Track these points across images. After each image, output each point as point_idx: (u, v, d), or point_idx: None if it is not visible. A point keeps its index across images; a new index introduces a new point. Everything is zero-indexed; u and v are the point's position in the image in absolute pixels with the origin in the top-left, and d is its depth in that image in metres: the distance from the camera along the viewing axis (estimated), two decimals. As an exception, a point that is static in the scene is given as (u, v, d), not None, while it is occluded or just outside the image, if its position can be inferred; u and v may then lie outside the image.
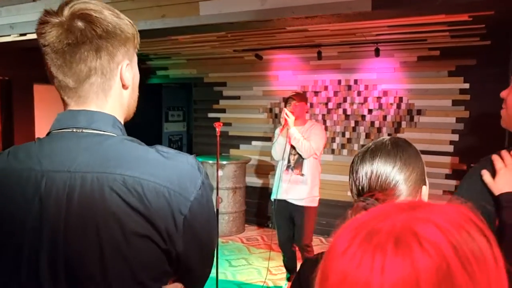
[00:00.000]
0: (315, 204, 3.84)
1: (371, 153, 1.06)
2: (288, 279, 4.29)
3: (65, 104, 0.96)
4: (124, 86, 0.97)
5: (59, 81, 0.92)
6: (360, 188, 1.05)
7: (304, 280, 1.06)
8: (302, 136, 3.73)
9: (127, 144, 0.92)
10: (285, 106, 3.85)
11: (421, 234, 0.46)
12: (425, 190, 1.08)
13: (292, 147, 3.77)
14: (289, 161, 3.83)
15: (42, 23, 0.87)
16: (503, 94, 1.55)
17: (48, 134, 0.95)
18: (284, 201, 3.84)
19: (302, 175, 3.78)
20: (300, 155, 3.76)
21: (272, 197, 3.96)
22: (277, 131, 3.94)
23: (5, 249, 0.87)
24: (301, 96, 3.94)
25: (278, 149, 3.86)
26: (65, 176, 0.86)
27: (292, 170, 3.81)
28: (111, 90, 0.94)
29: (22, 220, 0.85)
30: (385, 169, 1.03)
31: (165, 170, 0.89)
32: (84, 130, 0.91)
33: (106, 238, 0.84)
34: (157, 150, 0.92)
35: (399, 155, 1.05)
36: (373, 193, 1.03)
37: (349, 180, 1.10)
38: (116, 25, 0.90)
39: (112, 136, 0.92)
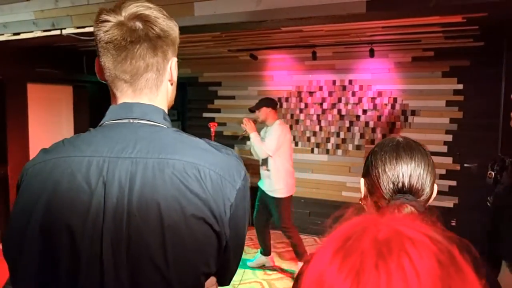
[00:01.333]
0: (284, 195, 4.43)
1: (406, 151, 1.11)
2: (261, 252, 4.81)
3: (115, 98, 1.02)
4: (170, 81, 1.06)
5: (116, 76, 0.99)
6: (398, 185, 1.08)
7: None
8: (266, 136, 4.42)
9: (180, 134, 1.00)
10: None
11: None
12: (435, 189, 1.13)
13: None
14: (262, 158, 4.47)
15: (103, 21, 0.95)
16: None
17: (101, 125, 1.01)
18: (262, 190, 4.57)
19: (268, 170, 4.47)
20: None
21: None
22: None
23: (69, 230, 0.89)
24: (261, 102, 4.52)
25: (253, 151, 4.55)
26: (127, 161, 0.92)
27: (262, 166, 4.54)
28: (162, 85, 1.04)
29: (87, 202, 0.90)
30: (421, 169, 1.08)
31: (217, 159, 0.96)
32: (140, 121, 0.98)
33: (167, 219, 0.89)
34: (206, 141, 1.01)
35: (427, 157, 1.12)
36: (411, 190, 1.07)
37: (375, 173, 1.11)
38: (169, 26, 1.00)
39: (164, 127, 1.00)
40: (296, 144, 5.94)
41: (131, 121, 0.98)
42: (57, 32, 3.73)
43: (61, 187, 0.91)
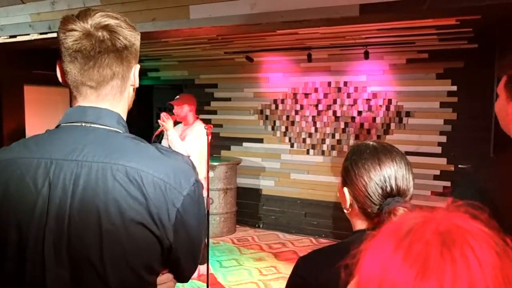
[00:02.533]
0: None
1: (387, 154, 1.12)
2: None
3: (76, 101, 1.05)
4: (133, 86, 1.10)
5: (81, 82, 1.01)
6: (387, 189, 1.09)
7: (310, 281, 1.08)
8: (182, 135, 4.13)
9: (130, 139, 1.02)
10: (170, 111, 4.27)
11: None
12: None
13: None
14: None
15: (70, 30, 0.97)
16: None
17: (57, 126, 1.04)
18: None
19: None
20: None
21: None
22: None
23: (17, 228, 0.94)
24: (184, 98, 4.27)
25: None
26: (73, 164, 0.95)
27: None
28: (125, 91, 1.07)
29: (33, 202, 0.93)
30: (404, 170, 1.10)
31: (163, 165, 0.98)
32: (92, 125, 1.01)
33: (106, 222, 0.92)
34: (156, 147, 1.03)
35: (405, 158, 1.13)
36: (400, 192, 1.08)
37: (361, 181, 1.12)
38: (133, 37, 1.04)
39: (117, 132, 1.03)
40: (292, 146, 5.97)
41: (83, 124, 1.01)
42: (54, 34, 3.72)
43: (10, 188, 0.95)
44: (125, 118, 1.10)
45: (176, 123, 4.27)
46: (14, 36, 3.98)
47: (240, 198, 6.20)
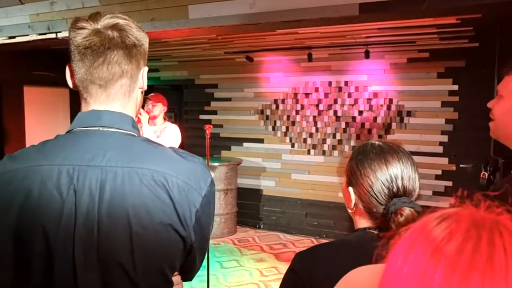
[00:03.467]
0: None
1: (393, 154, 1.11)
2: None
3: (86, 103, 1.04)
4: (141, 88, 1.10)
5: (90, 80, 1.01)
6: (394, 189, 1.08)
7: (303, 276, 1.08)
8: (155, 134, 3.87)
9: (147, 143, 1.04)
10: (142, 107, 3.95)
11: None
12: None
13: None
14: None
15: (79, 28, 0.99)
16: (490, 104, 1.53)
17: (70, 131, 1.02)
18: None
19: None
20: None
21: None
22: None
23: (44, 238, 0.92)
24: (158, 97, 4.06)
25: None
26: (97, 170, 0.95)
27: None
28: (134, 92, 1.07)
29: (59, 211, 0.92)
30: (410, 170, 1.10)
31: (184, 168, 1.01)
32: (109, 129, 1.01)
33: (136, 226, 0.93)
34: (174, 150, 1.05)
35: (412, 158, 1.13)
36: (406, 192, 1.07)
37: (366, 181, 1.10)
38: (141, 37, 1.05)
39: (133, 135, 1.04)
40: (293, 146, 5.96)
41: (100, 129, 1.01)
42: (53, 35, 3.74)
43: (33, 196, 0.93)
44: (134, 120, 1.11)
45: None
46: (13, 37, 3.97)
47: (241, 198, 6.19)
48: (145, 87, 1.12)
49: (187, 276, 1.13)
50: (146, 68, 1.10)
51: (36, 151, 1.00)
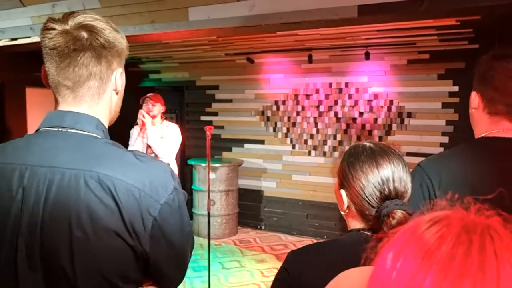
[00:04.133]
0: None
1: (383, 157, 1.11)
2: None
3: (57, 103, 1.04)
4: (115, 91, 1.07)
5: (58, 82, 1.01)
6: (385, 192, 1.07)
7: (294, 275, 1.08)
8: (159, 135, 3.97)
9: (107, 146, 1.00)
10: (141, 108, 4.03)
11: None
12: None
13: (148, 146, 3.98)
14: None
15: (49, 28, 0.97)
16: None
17: (36, 130, 1.03)
18: None
19: None
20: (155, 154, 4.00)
21: None
22: (134, 131, 4.10)
23: None
24: (158, 97, 4.11)
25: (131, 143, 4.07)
26: (47, 170, 0.94)
27: None
28: (105, 93, 1.04)
29: (7, 209, 0.93)
30: (401, 171, 1.09)
31: (139, 172, 0.96)
32: (69, 130, 0.99)
33: (76, 230, 0.90)
34: (134, 154, 1.00)
35: (403, 159, 1.12)
36: (398, 194, 1.07)
37: (357, 184, 1.10)
38: (115, 38, 1.02)
39: (94, 137, 1.00)
40: (293, 147, 5.97)
41: (60, 129, 1.00)
42: (54, 37, 3.76)
43: None
44: (106, 123, 1.08)
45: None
46: (15, 39, 4.00)
47: (242, 199, 6.20)
48: (119, 88, 1.08)
49: (163, 287, 1.08)
50: (120, 70, 1.07)
51: (1, 149, 1.02)
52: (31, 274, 0.92)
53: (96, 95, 1.03)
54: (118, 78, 1.06)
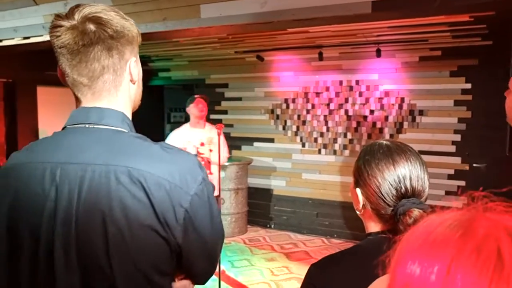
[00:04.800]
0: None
1: (400, 155, 1.09)
2: None
3: (78, 101, 1.03)
4: (132, 81, 1.05)
5: (74, 80, 0.99)
6: (403, 190, 1.05)
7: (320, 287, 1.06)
8: (207, 140, 4.21)
9: (134, 139, 0.99)
10: (196, 104, 4.27)
11: None
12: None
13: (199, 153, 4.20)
14: None
15: (56, 26, 0.95)
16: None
17: (63, 128, 1.02)
18: None
19: (211, 173, 4.28)
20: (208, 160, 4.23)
21: None
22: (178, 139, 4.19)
23: (31, 235, 0.93)
24: (206, 98, 4.36)
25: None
26: (77, 167, 0.93)
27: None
28: (121, 85, 1.02)
29: (41, 208, 0.93)
30: (419, 169, 1.07)
31: (167, 165, 0.95)
32: (95, 126, 0.99)
33: (111, 226, 0.90)
34: (161, 146, 0.99)
35: (421, 158, 1.10)
36: (415, 193, 1.05)
37: (373, 182, 1.08)
38: (123, 26, 0.99)
39: (121, 132, 1.00)
40: (303, 145, 5.94)
41: (86, 126, 0.99)
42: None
43: (20, 194, 0.95)
44: (129, 115, 1.06)
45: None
46: (28, 38, 4.02)
47: (251, 198, 6.19)
48: (135, 78, 1.06)
49: (193, 279, 1.08)
50: (134, 59, 1.04)
51: (29, 149, 1.02)
52: (68, 272, 0.92)
53: (113, 88, 1.01)
54: (133, 67, 1.04)
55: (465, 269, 0.46)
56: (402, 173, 1.05)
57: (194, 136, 4.25)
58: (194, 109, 4.33)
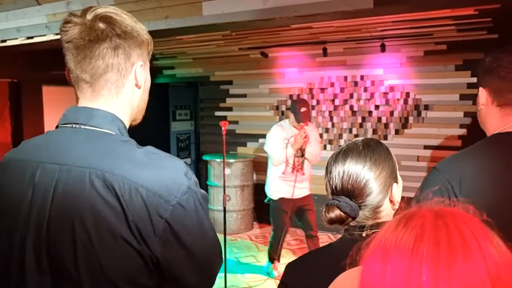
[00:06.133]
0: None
1: (343, 154, 1.10)
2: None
3: (77, 99, 1.01)
4: (137, 86, 1.03)
5: (77, 76, 0.98)
6: (333, 187, 1.09)
7: (293, 286, 1.10)
8: (308, 140, 4.30)
9: (118, 142, 0.95)
10: (293, 110, 4.30)
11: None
12: (395, 187, 1.10)
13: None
14: (293, 164, 4.29)
15: (66, 22, 0.95)
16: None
17: (56, 127, 1.01)
18: (289, 199, 4.28)
19: (304, 174, 4.41)
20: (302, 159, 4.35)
21: (275, 197, 4.41)
22: (289, 149, 4.21)
23: (7, 233, 0.94)
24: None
25: (282, 157, 4.17)
26: (56, 168, 0.91)
27: (297, 171, 4.32)
28: (124, 87, 1.00)
29: (18, 205, 0.92)
30: (355, 169, 1.06)
31: (147, 171, 0.89)
32: (82, 126, 0.96)
33: (80, 232, 0.86)
34: (146, 151, 0.94)
35: (369, 155, 1.08)
36: (346, 191, 1.07)
37: (324, 180, 1.14)
38: (133, 28, 0.98)
39: (107, 134, 0.96)
40: (309, 141, 5.92)
41: (74, 126, 0.96)
42: (69, 35, 3.79)
43: (3, 190, 0.96)
44: (125, 119, 1.03)
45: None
46: (31, 37, 4.04)
47: (257, 194, 6.19)
48: (141, 83, 1.03)
49: None
50: (140, 63, 1.01)
51: (20, 146, 1.02)
52: (39, 276, 0.90)
53: (114, 89, 0.99)
54: (139, 71, 1.01)
55: (397, 236, 0.55)
56: (336, 172, 1.09)
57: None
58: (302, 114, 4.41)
